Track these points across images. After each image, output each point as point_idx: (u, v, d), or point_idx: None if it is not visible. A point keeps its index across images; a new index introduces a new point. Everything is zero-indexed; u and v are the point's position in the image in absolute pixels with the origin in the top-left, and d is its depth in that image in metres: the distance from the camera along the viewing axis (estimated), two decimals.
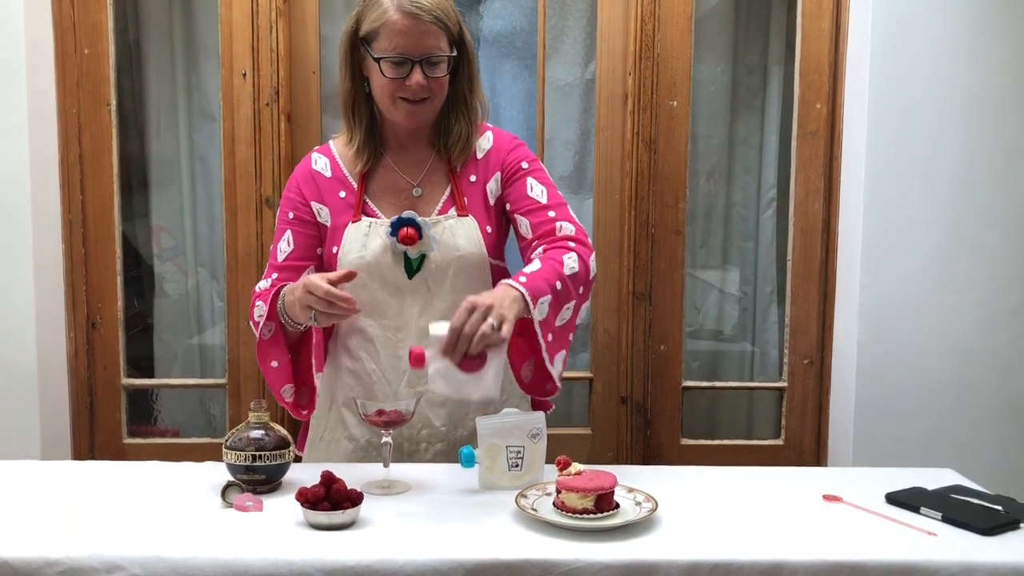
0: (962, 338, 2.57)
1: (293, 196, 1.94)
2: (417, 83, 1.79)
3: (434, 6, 1.79)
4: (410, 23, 1.77)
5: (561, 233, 1.86)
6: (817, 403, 2.80)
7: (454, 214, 1.90)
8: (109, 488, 1.74)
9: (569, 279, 1.78)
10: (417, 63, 1.79)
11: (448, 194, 1.92)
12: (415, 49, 1.78)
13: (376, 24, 1.79)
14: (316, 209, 1.93)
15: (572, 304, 1.80)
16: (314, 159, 1.96)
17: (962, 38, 2.48)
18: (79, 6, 2.63)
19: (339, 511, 1.53)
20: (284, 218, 1.95)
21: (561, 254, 1.81)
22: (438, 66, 1.81)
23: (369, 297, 1.88)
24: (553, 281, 1.75)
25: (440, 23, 1.79)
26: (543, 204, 1.89)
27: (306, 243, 1.93)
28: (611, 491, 1.58)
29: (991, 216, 2.54)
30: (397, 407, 1.71)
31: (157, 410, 3.01)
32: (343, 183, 1.93)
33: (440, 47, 1.80)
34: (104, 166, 2.69)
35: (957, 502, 1.67)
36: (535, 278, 1.73)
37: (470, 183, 1.93)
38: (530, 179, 1.92)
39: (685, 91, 2.71)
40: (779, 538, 1.53)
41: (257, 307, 1.88)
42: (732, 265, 3.09)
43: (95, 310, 2.72)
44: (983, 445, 2.57)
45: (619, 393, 2.80)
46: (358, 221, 1.89)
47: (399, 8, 1.78)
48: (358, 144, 1.90)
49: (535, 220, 1.88)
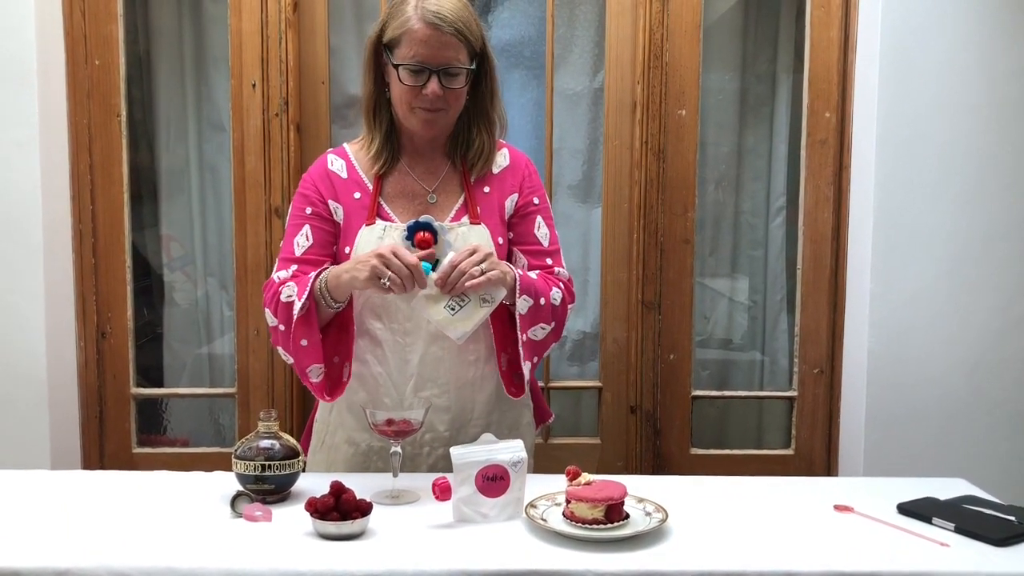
0: (973, 347, 2.56)
1: (310, 193, 1.95)
2: (433, 92, 1.82)
3: (456, 18, 1.81)
4: (431, 33, 1.80)
5: (556, 276, 1.99)
6: (827, 412, 2.79)
7: (467, 222, 1.91)
8: (118, 498, 1.74)
9: (551, 305, 1.90)
10: (435, 73, 1.81)
11: (462, 202, 1.94)
12: (434, 59, 1.81)
13: (399, 31, 1.82)
14: (333, 208, 1.93)
15: (549, 328, 1.91)
16: (330, 160, 1.98)
17: (971, 46, 2.48)
18: (90, 17, 2.65)
19: (348, 521, 1.53)
20: (300, 213, 1.94)
21: (553, 284, 1.94)
22: (456, 78, 1.84)
23: (380, 300, 1.89)
24: (542, 294, 1.88)
25: (460, 35, 1.81)
26: (545, 248, 2.00)
27: (324, 239, 1.93)
28: (621, 501, 1.57)
29: (1001, 225, 2.53)
30: (406, 417, 1.71)
31: (166, 419, 3.01)
32: (359, 185, 1.94)
33: (459, 59, 1.83)
34: (114, 176, 2.70)
35: (969, 512, 1.66)
36: (529, 279, 1.88)
37: (484, 194, 1.95)
38: (539, 218, 2.00)
39: (694, 100, 2.71)
40: (790, 549, 1.52)
41: (286, 288, 1.86)
42: (741, 274, 3.08)
43: (105, 320, 2.73)
44: (994, 454, 2.56)
45: (628, 403, 2.79)
46: (372, 224, 1.90)
47: (422, 17, 1.80)
48: (377, 147, 1.92)
49: (534, 263, 1.98)
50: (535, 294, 1.86)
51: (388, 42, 1.85)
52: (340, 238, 1.93)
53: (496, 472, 1.62)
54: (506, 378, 1.95)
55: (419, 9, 1.81)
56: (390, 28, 1.85)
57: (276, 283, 1.90)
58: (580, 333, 3.05)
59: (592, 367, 2.98)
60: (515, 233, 1.99)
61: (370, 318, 1.91)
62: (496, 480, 1.62)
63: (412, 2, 1.83)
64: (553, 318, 1.91)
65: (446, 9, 1.81)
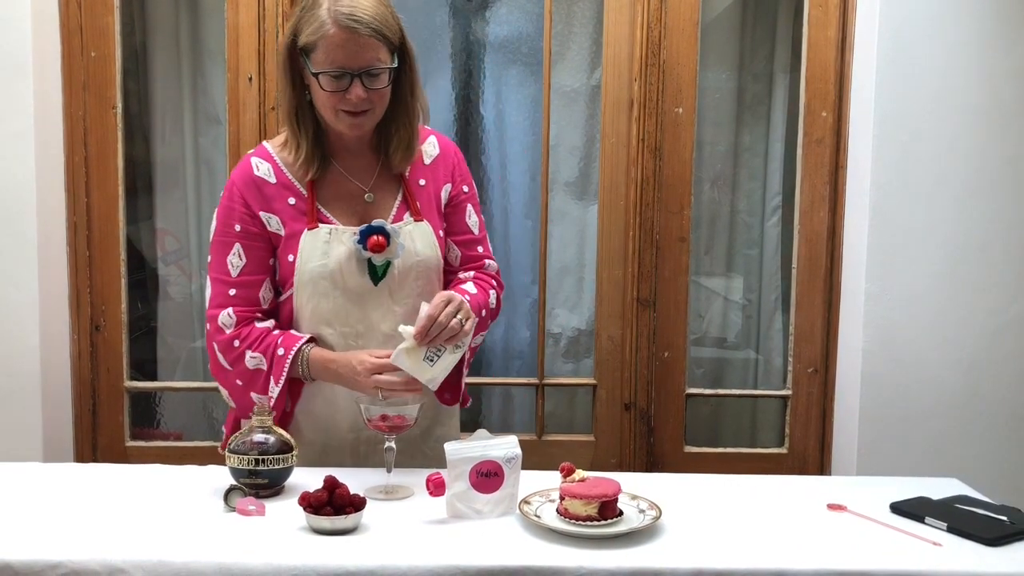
0: (968, 347, 2.56)
1: (237, 207, 1.86)
2: (357, 96, 1.76)
3: (372, 17, 1.74)
4: (348, 36, 1.73)
5: (486, 270, 2.03)
6: (821, 411, 2.79)
7: (411, 219, 1.90)
8: (111, 491, 1.74)
9: (488, 313, 1.96)
10: (357, 76, 1.75)
11: (401, 199, 1.92)
12: (354, 63, 1.75)
13: (314, 37, 1.75)
14: (265, 219, 1.86)
15: (483, 335, 2.00)
16: (255, 164, 1.89)
17: (968, 47, 2.48)
18: (86, 9, 2.63)
19: (342, 516, 1.53)
20: (228, 230, 1.86)
21: (488, 288, 1.98)
22: (378, 78, 1.78)
23: (330, 305, 1.86)
24: (481, 309, 1.92)
25: (379, 35, 1.75)
26: (476, 236, 2.02)
27: (258, 256, 1.87)
28: (615, 498, 1.57)
29: (997, 225, 2.53)
30: (401, 412, 1.71)
31: (160, 413, 3.00)
32: (290, 189, 1.87)
33: (380, 59, 1.76)
34: (109, 169, 2.69)
35: (962, 512, 1.67)
36: (474, 300, 1.89)
37: (420, 187, 1.93)
38: (469, 206, 2.01)
39: (691, 98, 2.71)
40: (783, 547, 1.52)
41: (250, 355, 1.83)
42: (736, 272, 3.09)
43: (99, 313, 2.72)
44: (988, 454, 2.56)
45: (623, 400, 2.80)
46: (315, 228, 1.85)
47: (336, 21, 1.73)
48: (306, 153, 1.85)
49: (467, 253, 2.00)
50: (478, 310, 1.88)
51: (304, 47, 1.78)
52: (280, 248, 1.87)
53: (490, 468, 1.62)
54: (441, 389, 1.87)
55: (332, 12, 1.73)
56: (304, 33, 1.77)
57: (226, 333, 1.84)
58: (575, 330, 3.05)
59: (587, 364, 2.99)
60: (448, 223, 1.97)
61: (320, 324, 1.87)
62: (490, 476, 1.62)
63: (324, 4, 1.75)
64: (489, 319, 1.98)
65: (361, 9, 1.74)
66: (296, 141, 1.86)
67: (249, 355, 1.83)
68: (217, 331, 1.86)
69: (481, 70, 3.03)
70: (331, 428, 1.91)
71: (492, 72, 3.01)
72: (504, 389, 3.14)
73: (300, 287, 1.86)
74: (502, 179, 3.07)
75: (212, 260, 1.89)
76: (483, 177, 3.06)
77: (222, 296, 1.87)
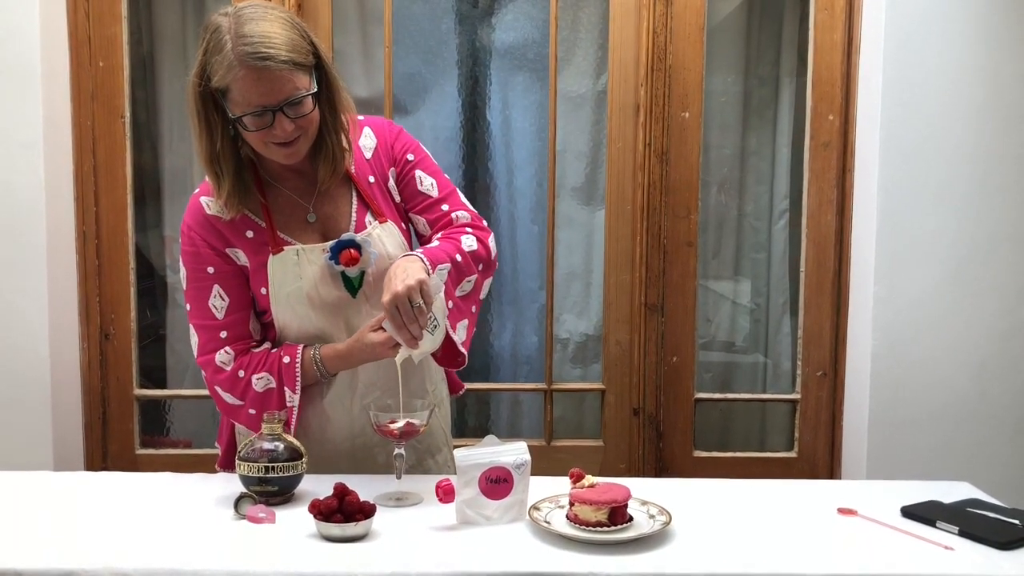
0: (977, 350, 2.55)
1: (203, 251, 1.82)
2: (283, 131, 1.69)
3: (280, 47, 1.64)
4: (260, 75, 1.64)
5: (458, 223, 1.90)
6: (830, 415, 2.79)
7: (374, 221, 1.86)
8: (121, 499, 1.74)
9: (468, 255, 1.83)
10: (279, 111, 1.67)
11: (357, 202, 1.87)
12: (272, 99, 1.66)
13: (226, 81, 1.66)
14: (232, 254, 1.83)
15: (473, 278, 1.85)
16: (205, 204, 1.82)
17: (975, 50, 2.47)
18: (94, 19, 2.65)
19: (352, 523, 1.52)
20: (201, 275, 1.83)
21: (459, 235, 1.86)
22: (302, 105, 1.69)
23: (312, 324, 1.84)
24: (452, 254, 1.80)
25: (292, 64, 1.65)
26: (436, 198, 1.91)
27: (239, 292, 1.84)
28: (625, 504, 1.57)
29: (1006, 227, 2.53)
30: (411, 419, 1.71)
31: (169, 421, 3.01)
32: (246, 222, 1.82)
33: (298, 87, 1.68)
34: (118, 178, 2.70)
35: (973, 516, 1.66)
36: (433, 251, 1.79)
37: (369, 184, 1.88)
38: (418, 172, 1.91)
39: (697, 102, 2.71)
40: (794, 552, 1.52)
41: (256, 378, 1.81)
42: (744, 276, 3.08)
43: (108, 321, 2.73)
44: (998, 458, 2.56)
45: (631, 405, 2.79)
46: (280, 252, 1.80)
47: (243, 63, 1.63)
48: (227, 194, 1.76)
49: (431, 216, 1.91)
50: (448, 257, 1.78)
51: (218, 90, 1.68)
52: (251, 282, 1.83)
53: (500, 474, 1.62)
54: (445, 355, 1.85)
55: (238, 52, 1.63)
56: (215, 76, 1.66)
57: (226, 370, 1.82)
58: (583, 335, 3.05)
59: (595, 369, 2.98)
60: (404, 200, 1.91)
61: (308, 343, 1.85)
62: (500, 482, 1.62)
63: (228, 40, 1.64)
64: (476, 260, 1.85)
65: (267, 41, 1.63)
66: (217, 183, 1.77)
67: (255, 379, 1.82)
68: (216, 372, 1.84)
69: (487, 76, 3.03)
70: (324, 440, 1.89)
71: (498, 78, 3.01)
72: (512, 395, 3.14)
73: (279, 313, 1.83)
74: (509, 185, 3.07)
75: (191, 308, 1.86)
76: (489, 183, 3.07)
77: (213, 341, 1.84)
